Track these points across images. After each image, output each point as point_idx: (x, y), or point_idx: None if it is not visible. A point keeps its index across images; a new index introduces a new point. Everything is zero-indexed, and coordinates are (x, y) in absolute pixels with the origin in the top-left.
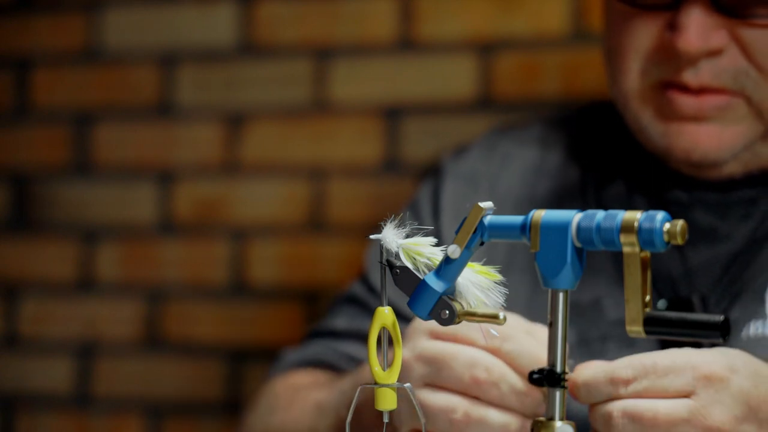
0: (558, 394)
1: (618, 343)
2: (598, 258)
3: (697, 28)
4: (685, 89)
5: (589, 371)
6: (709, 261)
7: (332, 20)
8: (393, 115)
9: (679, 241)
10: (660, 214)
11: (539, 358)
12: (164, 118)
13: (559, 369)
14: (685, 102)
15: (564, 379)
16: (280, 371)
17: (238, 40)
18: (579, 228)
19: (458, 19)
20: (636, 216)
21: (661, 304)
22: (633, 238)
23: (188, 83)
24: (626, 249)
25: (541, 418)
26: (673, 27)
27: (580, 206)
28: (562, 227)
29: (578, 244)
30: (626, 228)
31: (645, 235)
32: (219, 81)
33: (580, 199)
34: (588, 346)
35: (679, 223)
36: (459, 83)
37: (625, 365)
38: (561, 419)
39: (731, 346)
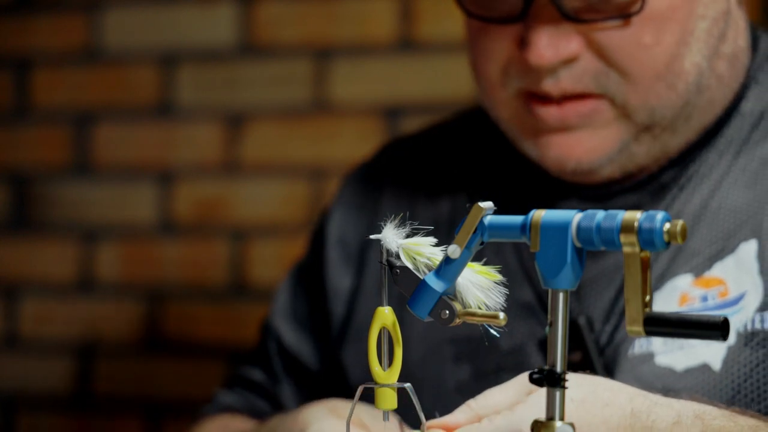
0: (558, 394)
1: (512, 373)
2: None
3: (546, 41)
4: (547, 99)
5: None
6: (596, 276)
7: (332, 20)
8: (393, 115)
9: (680, 240)
10: (660, 214)
11: None
12: (164, 118)
13: (559, 369)
14: (548, 114)
15: (564, 379)
16: (211, 412)
17: (238, 40)
18: (579, 228)
19: (458, 19)
20: (636, 216)
21: (547, 330)
22: (633, 238)
23: (188, 83)
24: (626, 249)
25: (541, 419)
26: (523, 42)
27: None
28: (563, 227)
29: (578, 244)
30: (626, 228)
31: (645, 235)
32: (219, 81)
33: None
34: (484, 380)
35: (679, 223)
36: (459, 83)
37: None
38: (561, 419)
39: (618, 366)
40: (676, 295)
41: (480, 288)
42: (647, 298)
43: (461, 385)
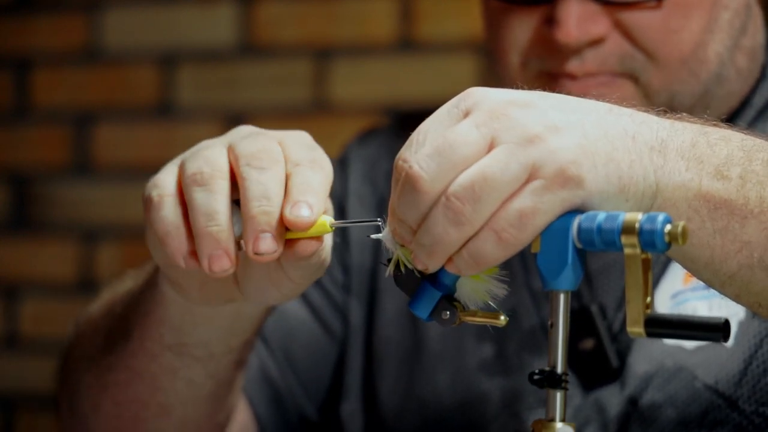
0: (558, 395)
1: (532, 352)
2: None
3: (576, 19)
4: (570, 78)
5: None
6: (609, 264)
7: (332, 20)
8: (393, 114)
9: (681, 242)
10: (661, 216)
11: (265, 160)
12: (164, 118)
13: (559, 370)
14: (569, 84)
15: (565, 381)
16: None
17: (238, 40)
18: (580, 229)
19: (458, 19)
20: (637, 217)
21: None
22: (634, 240)
23: (188, 83)
24: (627, 250)
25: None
26: (551, 20)
27: None
28: (563, 228)
29: (579, 245)
30: (627, 229)
31: (646, 237)
32: (219, 81)
33: None
34: (506, 358)
35: (680, 224)
36: (459, 83)
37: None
38: (561, 420)
39: (631, 352)
40: (681, 273)
41: (481, 288)
42: (648, 299)
43: (483, 363)
